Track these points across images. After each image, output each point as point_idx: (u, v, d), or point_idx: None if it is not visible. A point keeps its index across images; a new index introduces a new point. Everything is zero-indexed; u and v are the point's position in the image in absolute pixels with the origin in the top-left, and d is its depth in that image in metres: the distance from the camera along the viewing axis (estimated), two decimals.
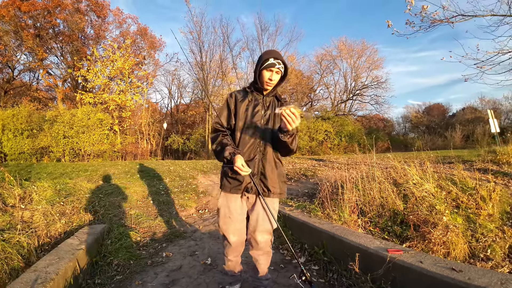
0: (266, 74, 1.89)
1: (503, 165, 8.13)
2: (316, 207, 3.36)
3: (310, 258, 2.80)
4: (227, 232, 2.01)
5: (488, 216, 3.57)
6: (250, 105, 1.97)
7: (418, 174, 3.55)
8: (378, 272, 1.93)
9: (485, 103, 31.12)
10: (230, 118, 1.98)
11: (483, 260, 2.83)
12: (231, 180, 1.95)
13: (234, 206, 1.99)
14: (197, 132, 22.78)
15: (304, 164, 8.34)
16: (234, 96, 2.00)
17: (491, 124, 10.89)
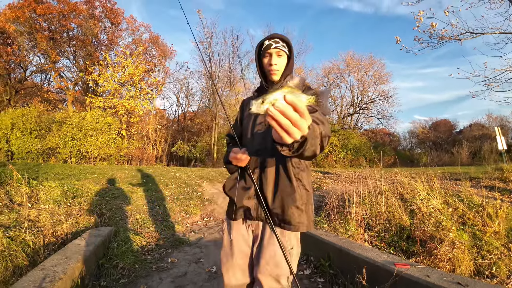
0: (265, 61, 1.50)
1: (510, 182, 8.05)
2: (322, 220, 3.38)
3: (316, 270, 2.80)
4: (224, 267, 1.55)
5: (494, 234, 3.54)
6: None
7: (425, 190, 3.55)
8: (384, 285, 1.94)
9: (493, 120, 30.91)
10: (236, 126, 1.70)
11: (488, 277, 2.82)
12: (229, 202, 1.62)
13: (236, 235, 1.54)
14: (203, 140, 23.00)
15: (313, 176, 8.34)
16: (243, 102, 1.75)
17: (498, 141, 10.78)
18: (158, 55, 23.39)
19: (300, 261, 3.04)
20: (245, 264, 1.53)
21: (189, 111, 29.20)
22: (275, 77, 1.50)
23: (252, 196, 1.46)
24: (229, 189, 1.55)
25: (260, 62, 1.53)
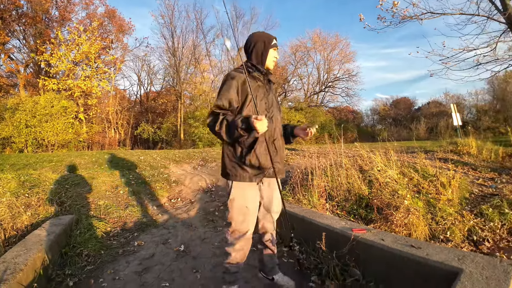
0: (273, 53, 1.92)
1: (463, 155, 8.75)
2: (287, 193, 3.48)
3: (280, 241, 2.90)
4: (244, 225, 1.88)
5: (448, 201, 3.86)
6: (257, 89, 1.87)
7: (383, 162, 3.76)
8: (343, 250, 2.06)
9: (449, 98, 32.69)
10: (233, 102, 1.78)
11: (443, 241, 3.08)
12: (249, 168, 1.82)
13: (252, 196, 1.88)
14: (169, 121, 22.09)
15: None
16: (237, 78, 1.81)
17: (453, 117, 11.51)
18: (115, 30, 21.82)
19: None
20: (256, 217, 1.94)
21: (152, 90, 27.75)
22: (272, 67, 1.96)
23: (270, 159, 1.79)
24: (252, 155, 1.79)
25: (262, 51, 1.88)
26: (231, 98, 1.77)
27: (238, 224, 1.88)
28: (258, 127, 1.53)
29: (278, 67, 27.98)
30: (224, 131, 1.66)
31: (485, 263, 1.57)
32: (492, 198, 4.54)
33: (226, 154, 1.88)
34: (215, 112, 1.75)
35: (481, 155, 8.88)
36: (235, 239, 1.90)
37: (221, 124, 1.66)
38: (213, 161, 7.34)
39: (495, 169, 7.59)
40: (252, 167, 1.81)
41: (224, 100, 1.75)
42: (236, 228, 1.88)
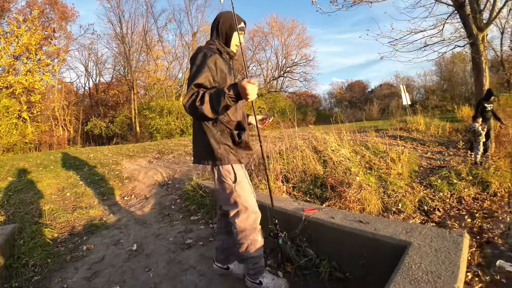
0: (239, 37, 1.82)
1: (412, 132, 9.38)
2: None
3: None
4: (255, 204, 1.80)
5: (398, 175, 4.06)
6: (230, 71, 1.76)
7: (336, 142, 3.83)
8: (295, 231, 2.03)
9: (400, 79, 34.40)
10: (212, 82, 1.62)
11: (396, 213, 3.21)
12: (243, 148, 1.77)
13: (247, 174, 1.85)
14: (122, 113, 20.41)
15: None
16: (214, 57, 1.65)
17: (403, 97, 12.27)
18: (58, 18, 19.78)
19: None
20: None
21: (102, 81, 25.57)
22: (235, 52, 1.87)
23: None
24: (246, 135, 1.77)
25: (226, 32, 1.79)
26: (210, 77, 1.61)
27: (253, 205, 1.78)
28: (250, 91, 1.38)
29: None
30: (208, 103, 1.45)
31: (433, 235, 1.59)
32: (440, 170, 4.87)
33: (212, 138, 1.71)
34: (195, 90, 1.53)
35: (429, 131, 9.58)
36: (253, 222, 1.76)
37: (203, 97, 1.47)
38: (170, 152, 7.08)
39: (442, 143, 8.20)
40: (245, 147, 1.78)
41: (204, 79, 1.57)
42: (252, 211, 1.76)
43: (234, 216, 1.75)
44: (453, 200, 3.87)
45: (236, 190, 1.72)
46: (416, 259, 1.36)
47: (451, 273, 1.20)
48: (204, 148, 1.74)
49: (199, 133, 1.77)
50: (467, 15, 7.81)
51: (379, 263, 1.63)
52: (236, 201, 1.73)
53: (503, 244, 2.79)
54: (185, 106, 1.52)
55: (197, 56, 1.65)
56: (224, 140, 1.71)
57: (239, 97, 1.43)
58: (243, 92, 1.39)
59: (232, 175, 1.73)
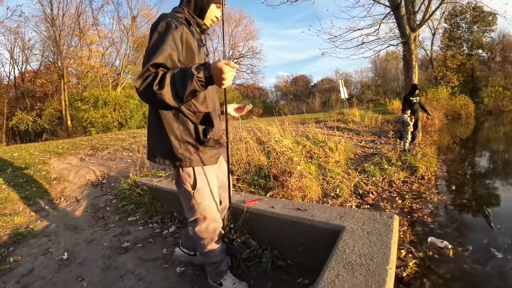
0: (216, 11, 1.54)
1: (349, 123, 10.06)
2: None
3: (180, 225, 2.73)
4: (215, 210, 1.59)
5: (336, 163, 4.28)
6: (200, 48, 1.46)
7: (279, 133, 3.87)
8: (238, 223, 1.98)
9: (339, 75, 37.35)
10: (176, 61, 1.27)
11: (334, 198, 3.38)
12: (210, 148, 1.48)
13: (215, 178, 1.59)
14: (51, 106, 18.10)
15: None
16: (180, 29, 1.30)
17: (341, 91, 13.13)
18: None
19: (164, 220, 2.93)
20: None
21: (29, 69, 22.65)
22: (207, 28, 1.58)
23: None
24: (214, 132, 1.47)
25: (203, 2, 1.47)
26: (174, 56, 1.26)
27: (215, 215, 1.57)
28: (227, 75, 1.10)
29: None
30: (169, 87, 1.12)
31: (365, 218, 1.65)
32: (373, 157, 5.27)
33: (171, 133, 1.39)
34: (151, 71, 1.18)
35: (363, 122, 10.37)
36: (213, 232, 1.58)
37: (163, 80, 1.14)
38: (105, 148, 6.49)
39: (375, 133, 8.92)
40: (212, 147, 1.50)
41: (164, 58, 1.21)
42: (212, 220, 1.56)
43: (192, 223, 1.58)
44: (384, 183, 4.21)
45: (195, 197, 1.49)
46: (349, 242, 1.40)
47: (383, 255, 1.25)
48: (161, 144, 1.44)
49: (155, 124, 1.44)
50: (402, 16, 8.56)
51: (318, 248, 1.67)
52: (195, 208, 1.52)
53: (432, 222, 3.09)
54: (138, 90, 1.18)
55: (157, 26, 1.28)
56: (186, 137, 1.41)
57: (211, 81, 1.13)
58: (217, 76, 1.11)
59: (192, 179, 1.47)
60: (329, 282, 1.10)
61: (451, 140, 9.62)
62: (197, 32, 1.49)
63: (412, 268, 2.20)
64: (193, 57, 1.37)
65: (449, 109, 16.67)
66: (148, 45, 1.28)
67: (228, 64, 1.09)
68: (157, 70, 1.17)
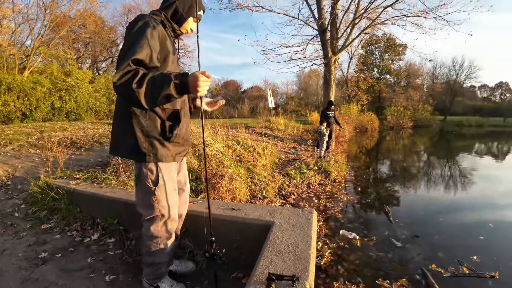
0: (192, 24, 1.61)
1: (274, 130, 10.71)
2: (109, 176, 3.06)
3: (104, 232, 2.54)
4: (175, 209, 1.60)
5: (263, 166, 4.56)
6: (174, 51, 1.51)
7: (211, 136, 3.95)
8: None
9: (268, 85, 39.88)
10: (155, 59, 1.33)
11: (261, 199, 3.62)
12: (174, 144, 1.48)
13: (175, 176, 1.62)
14: None
15: (100, 130, 7.37)
16: (158, 29, 1.38)
17: (269, 100, 13.88)
18: None
19: (85, 227, 2.68)
20: None
21: None
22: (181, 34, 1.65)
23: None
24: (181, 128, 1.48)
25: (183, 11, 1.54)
26: (153, 54, 1.31)
27: (173, 213, 1.57)
28: (202, 84, 1.20)
29: (105, 26, 24.17)
30: (146, 87, 1.18)
31: (291, 214, 1.91)
32: (295, 162, 5.79)
33: (138, 126, 1.39)
34: (131, 68, 1.22)
35: (287, 130, 11.19)
36: (169, 230, 1.59)
37: (142, 79, 1.19)
38: (8, 143, 5.53)
39: (296, 140, 9.70)
40: (177, 143, 1.51)
41: (144, 54, 1.26)
42: (171, 218, 1.57)
43: (149, 221, 1.53)
44: (304, 185, 4.68)
45: (156, 194, 1.48)
46: (278, 235, 1.60)
47: (306, 243, 1.48)
48: (125, 138, 1.43)
49: (122, 116, 1.44)
50: (327, 40, 9.63)
51: (251, 242, 1.82)
52: (153, 205, 1.50)
53: (342, 218, 3.59)
54: (115, 84, 1.21)
55: (136, 24, 1.33)
56: (152, 132, 1.41)
57: (186, 89, 1.22)
58: (193, 84, 1.20)
59: (154, 175, 1.47)
60: (264, 268, 1.25)
61: (358, 150, 11.07)
62: (171, 36, 1.55)
63: (328, 257, 2.54)
64: (167, 57, 1.42)
65: (358, 123, 19.17)
66: (126, 41, 1.32)
67: (204, 74, 1.20)
68: (137, 68, 1.22)
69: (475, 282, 2.30)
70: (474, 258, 2.62)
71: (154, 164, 1.45)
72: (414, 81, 34.98)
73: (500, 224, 3.53)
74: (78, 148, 5.03)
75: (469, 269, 2.42)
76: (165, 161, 1.47)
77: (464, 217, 3.86)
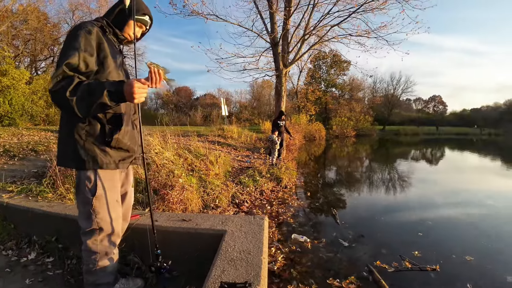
0: (132, 27, 1.53)
1: (228, 138, 10.69)
2: (45, 189, 2.76)
3: (42, 251, 2.30)
4: (117, 222, 1.49)
5: (215, 175, 4.50)
6: (116, 55, 1.46)
7: (160, 144, 3.80)
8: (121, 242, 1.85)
9: (221, 93, 39.98)
10: (91, 64, 1.29)
11: (214, 209, 3.56)
12: (115, 151, 1.41)
13: (119, 187, 1.54)
14: None
15: (35, 136, 6.64)
16: (95, 33, 1.34)
17: (222, 108, 13.87)
18: None
19: (20, 246, 2.41)
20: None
21: None
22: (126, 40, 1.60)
23: (138, 140, 1.54)
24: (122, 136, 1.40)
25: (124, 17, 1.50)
26: (89, 57, 1.28)
27: (114, 225, 1.46)
28: (138, 91, 1.19)
29: (48, 23, 22.03)
30: (79, 98, 1.16)
31: (243, 221, 1.91)
32: (248, 170, 5.82)
33: (76, 131, 1.32)
34: (66, 74, 1.19)
35: (240, 139, 11.26)
36: (109, 246, 1.46)
37: (76, 88, 1.17)
38: None
39: (250, 149, 9.79)
40: (119, 149, 1.42)
41: (80, 59, 1.24)
42: (110, 232, 1.45)
43: (86, 234, 1.40)
44: (257, 193, 4.73)
45: (94, 205, 1.38)
46: (231, 243, 1.59)
47: (258, 248, 1.50)
48: (66, 145, 1.36)
49: (63, 123, 1.38)
50: (279, 53, 9.96)
51: (204, 252, 1.78)
52: (92, 218, 1.38)
53: (294, 223, 3.68)
54: (51, 91, 1.19)
55: (72, 30, 1.32)
56: (90, 137, 1.34)
57: (122, 97, 1.20)
58: (128, 92, 1.18)
59: (92, 184, 1.37)
60: (216, 278, 1.23)
61: (308, 157, 11.54)
62: (114, 41, 1.52)
63: (281, 261, 2.58)
64: (106, 61, 1.37)
65: (307, 132, 20.14)
66: (62, 48, 1.31)
67: (140, 81, 1.20)
68: (73, 75, 1.21)
69: (418, 275, 2.49)
70: (416, 253, 2.86)
71: (93, 172, 1.37)
72: (356, 94, 38.35)
73: (437, 220, 3.92)
74: (11, 157, 4.48)
75: (411, 264, 2.62)
76: (105, 168, 1.38)
77: (404, 215, 4.21)
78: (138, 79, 1.21)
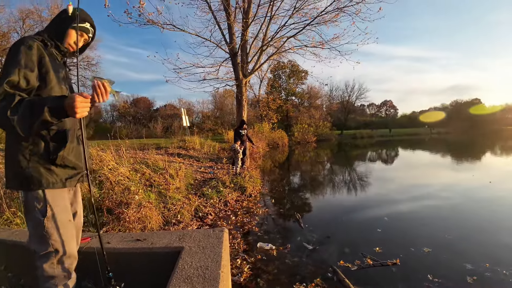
0: (74, 36, 1.46)
1: (190, 150, 10.44)
2: None
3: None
4: (73, 243, 1.41)
5: (176, 189, 4.34)
6: (58, 69, 1.39)
7: (114, 160, 3.58)
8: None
9: (183, 103, 39.13)
10: (32, 80, 1.24)
11: (176, 224, 3.41)
12: (61, 168, 1.34)
13: (69, 205, 1.44)
14: None
15: None
16: (36, 48, 1.29)
17: (183, 119, 13.56)
18: None
19: None
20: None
21: None
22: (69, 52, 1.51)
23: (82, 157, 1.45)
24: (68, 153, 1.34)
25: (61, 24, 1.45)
26: (29, 74, 1.23)
27: (70, 247, 1.37)
28: (80, 105, 1.13)
29: None
30: (22, 114, 1.11)
31: (201, 236, 1.84)
32: (211, 181, 5.70)
33: (19, 151, 1.27)
34: (7, 91, 1.15)
35: (203, 149, 11.05)
36: (67, 269, 1.37)
37: (17, 106, 1.12)
38: None
39: (213, 159, 9.64)
40: (65, 167, 1.36)
41: (20, 76, 1.20)
42: (67, 254, 1.36)
43: (42, 258, 1.29)
44: (221, 204, 4.64)
45: (47, 226, 1.28)
46: (187, 260, 1.51)
47: (216, 263, 1.44)
48: (11, 166, 1.30)
49: (9, 144, 1.32)
50: (238, 64, 10.01)
51: (161, 271, 1.68)
52: (45, 239, 1.29)
53: (259, 231, 3.65)
54: None
55: (13, 46, 1.28)
56: (34, 156, 1.28)
57: (63, 112, 1.15)
58: (70, 107, 1.13)
59: (41, 205, 1.29)
60: None
61: (272, 164, 11.65)
62: (56, 54, 1.46)
63: (247, 272, 2.53)
64: (47, 76, 1.32)
65: (270, 140, 20.47)
66: (4, 64, 1.27)
67: (82, 95, 1.16)
68: (14, 93, 1.16)
69: (380, 271, 2.58)
70: (377, 249, 2.97)
71: (40, 192, 1.30)
72: (315, 102, 39.94)
73: (393, 216, 4.13)
74: None
75: (372, 260, 2.71)
76: (52, 187, 1.32)
77: (364, 214, 4.37)
78: (80, 93, 1.17)
